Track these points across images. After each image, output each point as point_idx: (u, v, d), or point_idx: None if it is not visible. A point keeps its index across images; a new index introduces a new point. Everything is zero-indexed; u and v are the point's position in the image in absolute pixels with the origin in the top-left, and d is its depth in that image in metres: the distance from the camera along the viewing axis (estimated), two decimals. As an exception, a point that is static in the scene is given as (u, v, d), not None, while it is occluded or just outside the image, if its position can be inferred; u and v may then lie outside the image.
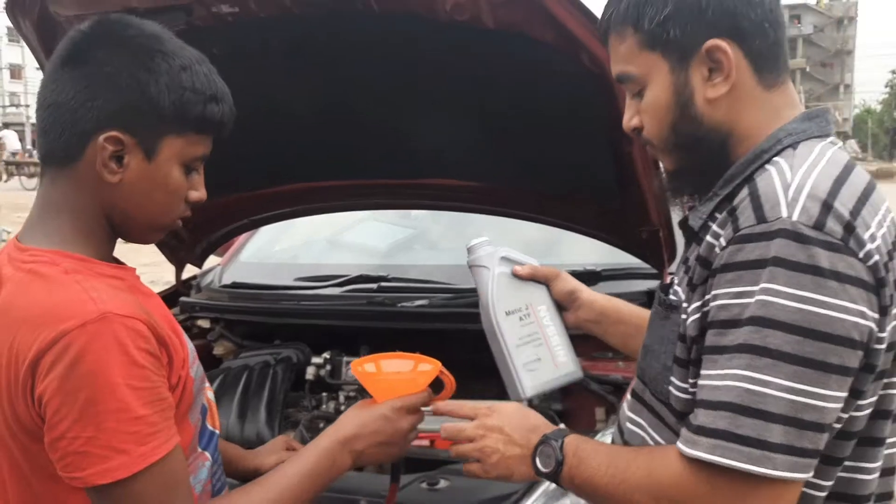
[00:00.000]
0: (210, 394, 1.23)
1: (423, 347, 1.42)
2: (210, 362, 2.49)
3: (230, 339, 2.52)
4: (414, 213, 3.15)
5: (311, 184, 2.40)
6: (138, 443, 0.96)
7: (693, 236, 1.07)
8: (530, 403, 2.10)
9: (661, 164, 1.19)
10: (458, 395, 2.06)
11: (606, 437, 1.60)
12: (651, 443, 1.11)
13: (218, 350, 2.53)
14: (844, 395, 0.91)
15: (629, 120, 1.12)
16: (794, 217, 0.90)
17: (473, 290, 1.47)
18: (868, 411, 0.97)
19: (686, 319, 1.00)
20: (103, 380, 0.95)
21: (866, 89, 65.76)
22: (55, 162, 1.07)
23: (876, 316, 0.92)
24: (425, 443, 1.92)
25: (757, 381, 0.89)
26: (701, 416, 0.93)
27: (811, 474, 0.92)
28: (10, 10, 1.89)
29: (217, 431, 1.23)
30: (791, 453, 0.88)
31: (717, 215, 1.01)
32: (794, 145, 1.00)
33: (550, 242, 2.66)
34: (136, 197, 1.08)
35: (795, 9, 64.59)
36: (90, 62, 1.04)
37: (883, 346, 0.94)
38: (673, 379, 1.03)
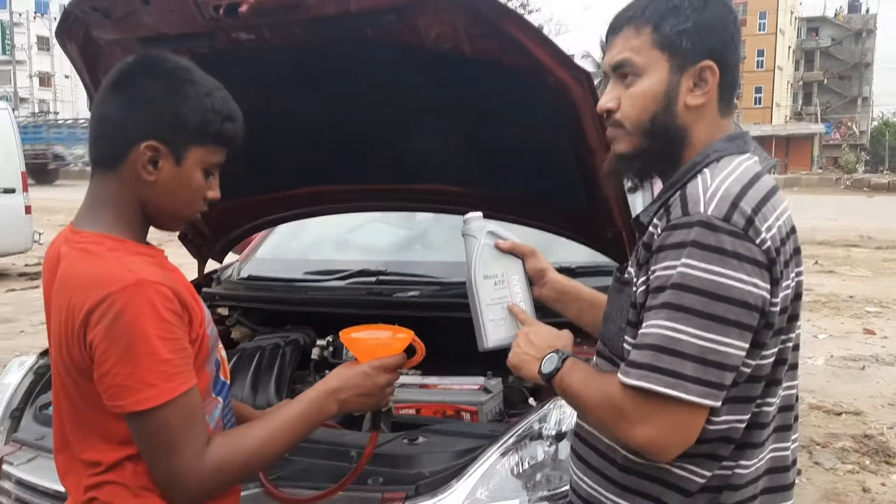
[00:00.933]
0: (223, 351, 1.50)
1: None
2: (227, 346, 2.77)
3: (246, 325, 2.81)
4: (419, 216, 3.42)
5: (318, 188, 2.66)
6: (165, 380, 1.21)
7: (642, 229, 1.34)
8: (507, 383, 2.38)
9: (614, 152, 1.36)
10: (444, 372, 2.34)
11: None
12: None
13: (235, 335, 2.81)
14: (745, 345, 1.17)
15: (608, 101, 1.30)
16: (709, 212, 1.17)
17: (461, 284, 1.66)
18: (772, 360, 1.25)
19: (636, 291, 1.28)
20: (139, 330, 1.20)
21: (884, 102, 65.37)
22: (104, 164, 1.35)
23: (768, 286, 1.18)
24: (412, 411, 2.21)
25: (674, 329, 1.15)
26: (632, 354, 1.20)
27: (718, 403, 1.17)
28: (59, 34, 2.16)
29: (228, 381, 1.50)
30: (700, 384, 1.14)
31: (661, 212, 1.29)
32: (718, 160, 1.28)
33: (541, 243, 2.90)
34: (167, 193, 1.35)
35: (814, 21, 64.17)
36: (135, 87, 1.32)
37: (777, 309, 1.20)
38: (626, 338, 1.29)
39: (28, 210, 9.35)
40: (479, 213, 1.65)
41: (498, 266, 1.60)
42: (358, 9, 1.81)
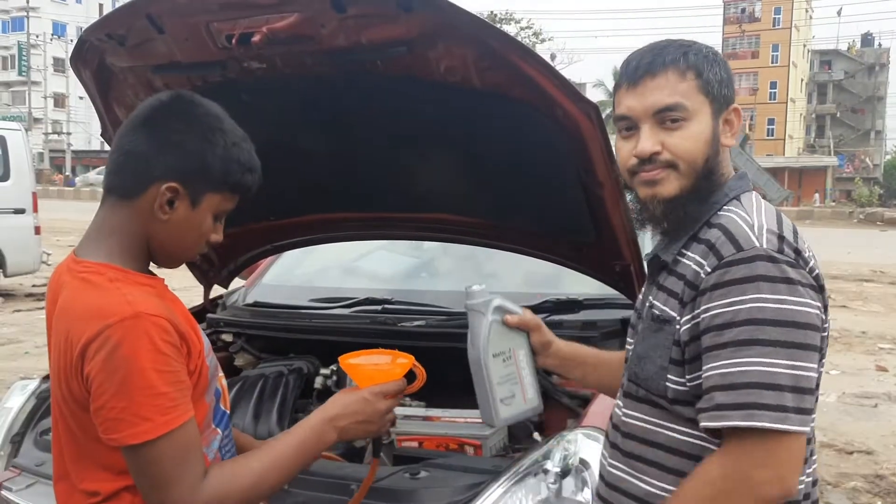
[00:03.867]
0: (224, 381, 1.48)
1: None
2: (231, 373, 2.76)
3: (250, 352, 2.79)
4: (426, 244, 3.41)
5: (324, 215, 2.67)
6: (161, 413, 1.21)
7: (664, 267, 1.36)
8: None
9: (657, 194, 1.35)
10: (449, 403, 2.31)
11: (576, 433, 1.83)
12: (649, 427, 1.34)
13: (239, 361, 2.79)
14: (817, 366, 1.22)
15: (653, 145, 1.32)
16: (765, 245, 1.22)
17: (465, 314, 1.64)
18: (820, 375, 1.28)
19: (679, 329, 1.28)
20: (135, 364, 1.19)
21: (898, 136, 65.21)
22: (118, 194, 1.35)
23: (822, 307, 1.25)
24: (415, 444, 2.19)
25: (768, 363, 1.17)
26: (720, 397, 1.19)
27: (809, 428, 1.22)
28: (74, 61, 2.19)
29: (228, 411, 1.48)
30: (800, 413, 1.17)
31: (685, 251, 1.31)
32: (737, 197, 1.33)
33: (548, 274, 2.88)
34: (175, 233, 1.36)
35: (826, 55, 64.32)
36: (166, 128, 1.33)
37: (827, 328, 1.28)
38: (669, 376, 1.29)
39: (37, 230, 9.40)
40: (483, 287, 1.63)
41: (505, 342, 1.59)
42: (369, 41, 1.83)
